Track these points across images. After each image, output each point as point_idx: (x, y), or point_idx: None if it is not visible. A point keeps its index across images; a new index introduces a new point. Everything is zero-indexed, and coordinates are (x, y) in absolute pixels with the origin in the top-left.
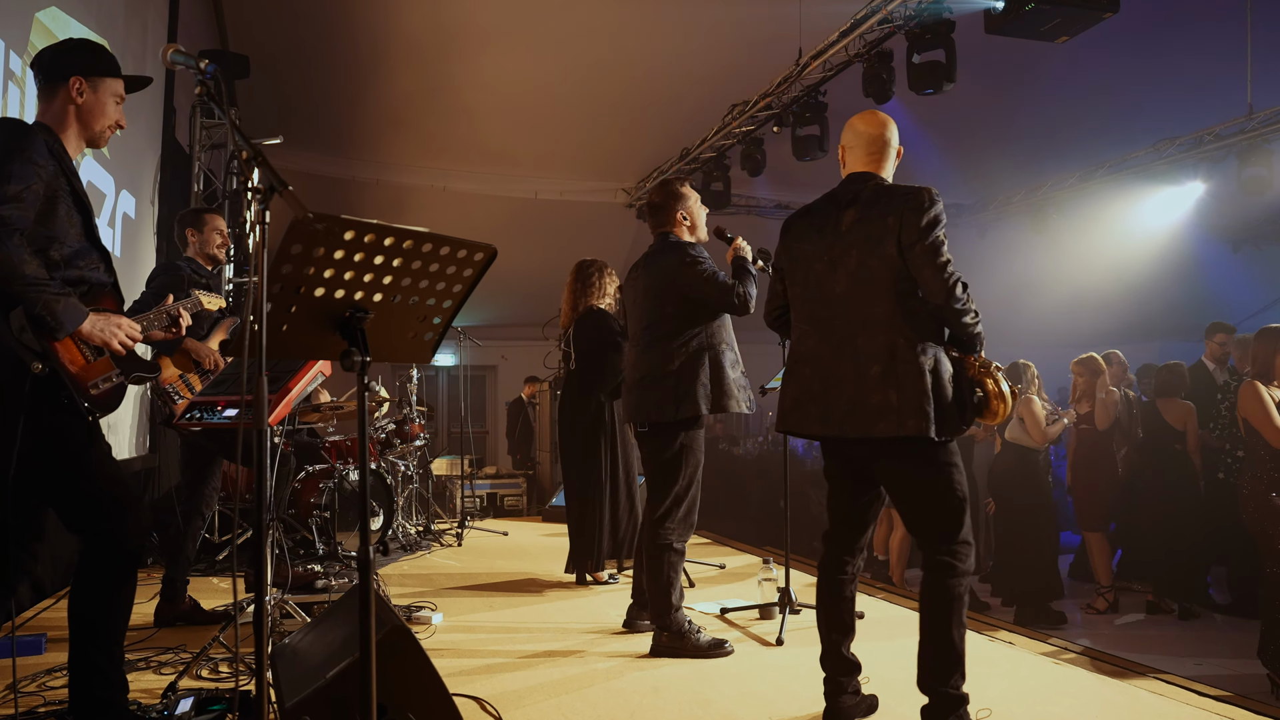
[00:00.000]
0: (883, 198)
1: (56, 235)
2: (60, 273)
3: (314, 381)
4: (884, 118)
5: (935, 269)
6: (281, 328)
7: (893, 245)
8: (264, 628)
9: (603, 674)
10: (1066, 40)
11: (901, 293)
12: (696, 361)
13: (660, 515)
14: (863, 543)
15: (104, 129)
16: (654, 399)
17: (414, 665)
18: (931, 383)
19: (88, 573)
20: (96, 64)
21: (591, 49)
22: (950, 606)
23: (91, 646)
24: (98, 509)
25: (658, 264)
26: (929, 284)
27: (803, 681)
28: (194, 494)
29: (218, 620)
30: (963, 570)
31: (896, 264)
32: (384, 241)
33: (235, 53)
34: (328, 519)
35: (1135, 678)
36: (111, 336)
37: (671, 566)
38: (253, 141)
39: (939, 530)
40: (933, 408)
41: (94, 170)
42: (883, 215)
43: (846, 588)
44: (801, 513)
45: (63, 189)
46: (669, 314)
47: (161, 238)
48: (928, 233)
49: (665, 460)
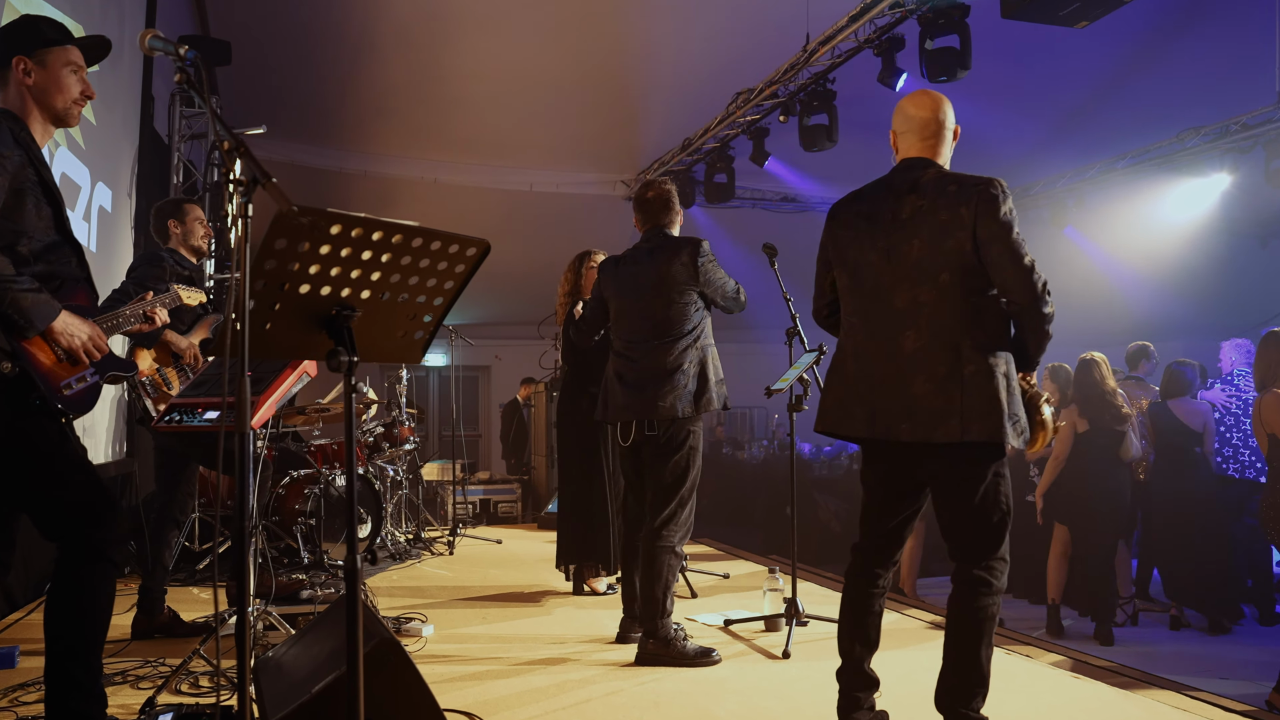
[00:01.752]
0: (949, 185)
1: (25, 229)
2: (30, 268)
3: (299, 383)
4: (936, 98)
5: (1022, 269)
6: (265, 326)
7: (966, 238)
8: (246, 640)
9: (601, 689)
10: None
11: (970, 289)
12: (704, 357)
13: (665, 518)
14: (898, 556)
15: (68, 105)
16: (668, 398)
17: (403, 679)
18: (1004, 387)
19: (65, 581)
20: (36, 37)
21: (589, 34)
22: (981, 626)
23: (68, 659)
24: (74, 515)
25: (664, 257)
26: (1014, 284)
27: (810, 696)
28: (168, 501)
29: (198, 632)
30: (998, 588)
31: (968, 259)
32: (372, 236)
33: (216, 38)
34: (313, 526)
35: (1157, 690)
36: (79, 345)
37: (670, 570)
38: (235, 131)
39: (980, 543)
40: (1005, 415)
41: (69, 161)
42: (953, 205)
43: (876, 601)
44: (809, 520)
45: (30, 180)
46: (676, 311)
47: (139, 231)
48: (1009, 228)
49: (675, 461)
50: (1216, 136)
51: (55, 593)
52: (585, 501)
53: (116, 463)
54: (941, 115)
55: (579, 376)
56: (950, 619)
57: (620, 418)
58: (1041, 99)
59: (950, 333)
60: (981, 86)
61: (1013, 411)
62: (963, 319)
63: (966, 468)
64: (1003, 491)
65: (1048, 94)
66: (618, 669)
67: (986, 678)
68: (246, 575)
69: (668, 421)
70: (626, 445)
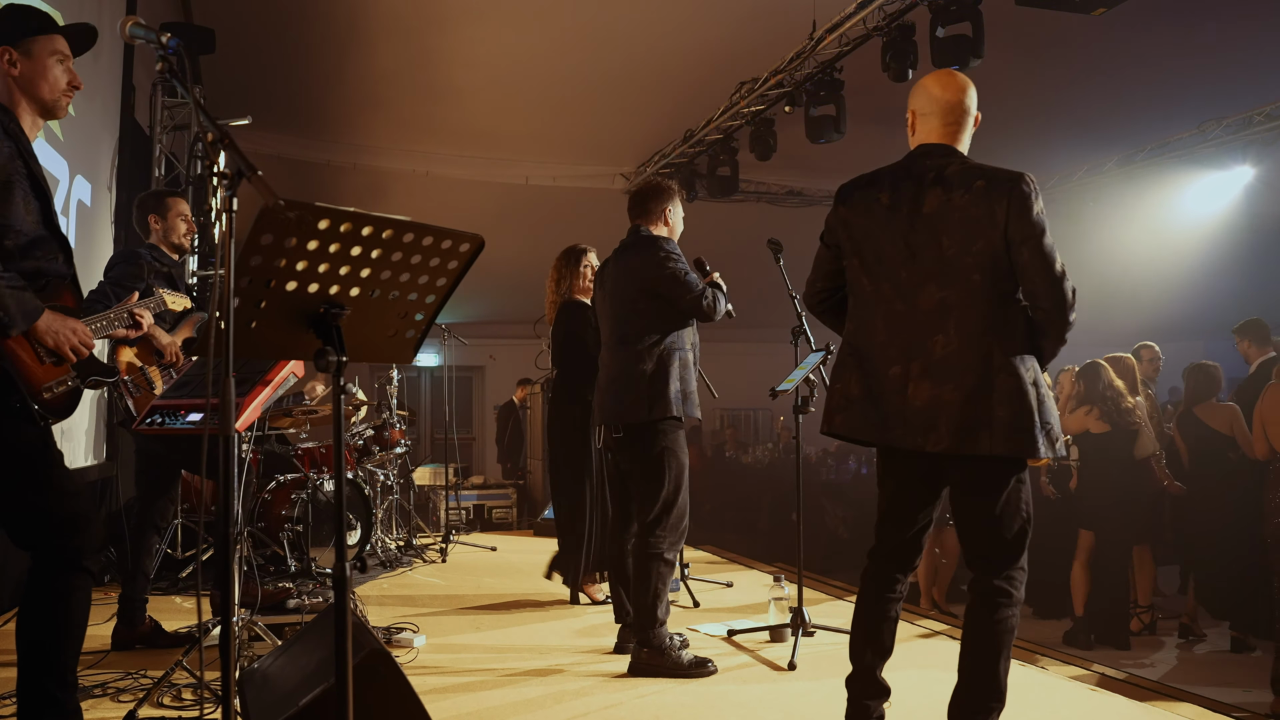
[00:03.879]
0: (976, 179)
1: (11, 223)
2: (15, 264)
3: (285, 384)
4: (963, 80)
5: (1053, 277)
6: (250, 325)
7: (998, 237)
8: (231, 651)
9: (599, 701)
10: (1104, 12)
11: (1002, 293)
12: (667, 362)
13: (650, 522)
14: (917, 561)
15: (56, 96)
16: (627, 401)
17: (394, 691)
18: (1035, 396)
19: (38, 592)
20: (20, 26)
21: (587, 22)
22: (1000, 639)
23: (43, 672)
24: (49, 523)
25: (627, 259)
26: (1044, 292)
27: (817, 709)
28: (149, 507)
29: (181, 643)
30: (1017, 599)
31: (1000, 260)
32: (361, 231)
33: (200, 26)
34: (300, 533)
35: (1176, 703)
36: (65, 342)
37: (660, 578)
38: (219, 122)
39: (1001, 552)
40: (1038, 426)
41: (46, 154)
42: (983, 201)
43: (893, 608)
44: (816, 527)
45: (19, 172)
46: (640, 311)
47: (120, 226)
48: (1042, 230)
49: (648, 464)
50: (1239, 128)
51: (28, 603)
52: (579, 510)
53: (97, 466)
54: (967, 100)
55: (569, 381)
56: (967, 631)
57: (595, 420)
58: (1057, 92)
59: (981, 338)
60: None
61: (1044, 421)
62: (993, 324)
63: (991, 477)
64: (1024, 499)
65: (1064, 86)
66: (615, 680)
67: (1003, 692)
68: (231, 584)
69: (631, 425)
70: (600, 447)
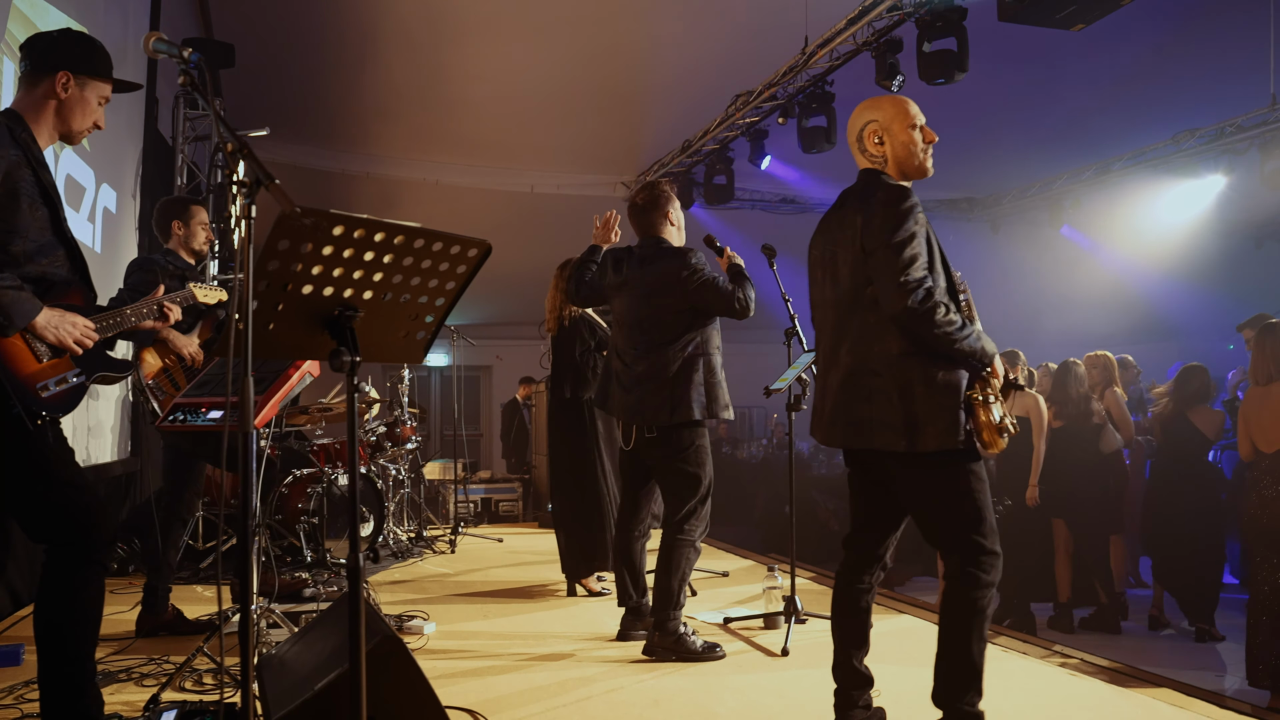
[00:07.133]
0: (860, 194)
1: (17, 228)
2: (20, 268)
3: (301, 383)
4: (861, 107)
5: (891, 275)
6: (268, 326)
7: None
8: (250, 638)
9: (602, 686)
10: (1083, 28)
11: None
12: (691, 366)
13: (686, 513)
14: (882, 551)
15: (83, 129)
16: (653, 403)
17: (405, 676)
18: (921, 394)
19: (54, 584)
20: (88, 62)
21: (590, 37)
22: (971, 620)
23: (62, 659)
24: (60, 517)
25: (656, 268)
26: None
27: (809, 694)
28: (174, 500)
29: (202, 630)
30: (987, 582)
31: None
32: (374, 237)
33: (220, 41)
34: (316, 525)
35: (1154, 688)
36: (66, 335)
37: (688, 562)
38: (238, 133)
39: (958, 541)
40: (931, 422)
41: (73, 163)
42: (854, 214)
43: (863, 599)
44: (808, 519)
45: (26, 180)
46: (668, 319)
47: (143, 232)
48: (889, 234)
49: (684, 461)
50: (1212, 138)
51: (44, 596)
52: (580, 508)
53: (121, 462)
54: (859, 123)
55: (566, 383)
56: (942, 613)
57: (619, 417)
58: (1038, 102)
59: (881, 341)
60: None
61: (939, 418)
62: (889, 327)
63: (920, 471)
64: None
65: (1044, 97)
66: (619, 666)
67: (979, 673)
68: (250, 573)
69: (665, 426)
70: (629, 449)
